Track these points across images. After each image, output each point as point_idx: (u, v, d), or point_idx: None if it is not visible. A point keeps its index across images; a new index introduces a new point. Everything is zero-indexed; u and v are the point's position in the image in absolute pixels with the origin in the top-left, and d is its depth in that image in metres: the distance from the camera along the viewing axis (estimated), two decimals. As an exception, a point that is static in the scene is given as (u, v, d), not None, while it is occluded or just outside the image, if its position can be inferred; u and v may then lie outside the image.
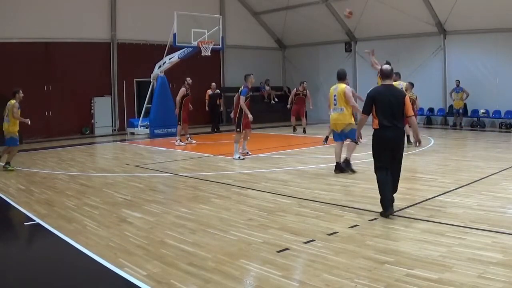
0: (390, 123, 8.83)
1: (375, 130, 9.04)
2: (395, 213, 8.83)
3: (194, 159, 16.60)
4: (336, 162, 13.31)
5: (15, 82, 22.50)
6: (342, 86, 13.25)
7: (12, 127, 14.97)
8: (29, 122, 15.33)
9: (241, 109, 15.94)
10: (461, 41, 27.31)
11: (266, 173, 13.59)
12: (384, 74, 9.34)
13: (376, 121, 8.99)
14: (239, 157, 15.91)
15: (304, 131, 24.59)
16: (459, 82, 25.96)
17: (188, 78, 21.15)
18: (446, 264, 6.24)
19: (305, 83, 25.77)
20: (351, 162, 13.36)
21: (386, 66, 9.48)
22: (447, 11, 26.17)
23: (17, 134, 15.13)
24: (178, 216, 9.02)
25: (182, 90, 20.66)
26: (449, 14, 26.30)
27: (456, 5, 25.20)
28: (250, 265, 6.42)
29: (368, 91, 9.26)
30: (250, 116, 15.97)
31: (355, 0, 28.68)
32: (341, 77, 13.60)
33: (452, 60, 27.61)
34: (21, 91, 15.27)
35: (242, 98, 15.88)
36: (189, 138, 21.20)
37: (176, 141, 20.70)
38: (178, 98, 20.65)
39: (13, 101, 14.98)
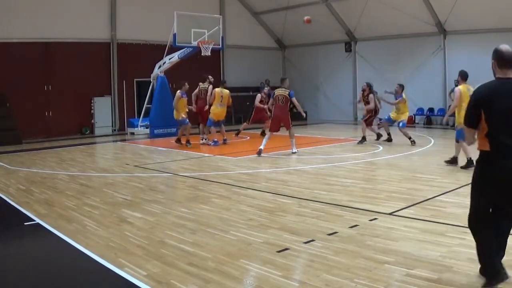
0: None
1: (483, 154, 5.71)
2: (395, 213, 8.83)
3: (194, 159, 16.59)
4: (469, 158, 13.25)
5: (15, 82, 22.66)
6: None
7: (177, 113, 19.70)
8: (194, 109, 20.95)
9: (291, 108, 17.47)
10: (461, 41, 27.33)
11: (266, 173, 13.61)
12: (505, 59, 5.44)
13: (486, 140, 5.56)
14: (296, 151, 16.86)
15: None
16: (457, 82, 25.96)
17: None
18: (446, 264, 6.24)
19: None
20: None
21: (505, 46, 5.49)
22: (447, 11, 26.19)
23: (183, 116, 19.75)
24: (178, 216, 9.01)
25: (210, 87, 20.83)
26: (449, 14, 26.32)
27: (456, 5, 25.22)
28: (250, 265, 6.42)
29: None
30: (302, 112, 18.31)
31: (355, 0, 28.75)
32: (466, 78, 14.56)
33: (452, 60, 27.61)
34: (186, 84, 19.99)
35: (294, 99, 17.13)
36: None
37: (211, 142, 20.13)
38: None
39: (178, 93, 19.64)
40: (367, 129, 19.49)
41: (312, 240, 7.30)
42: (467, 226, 7.09)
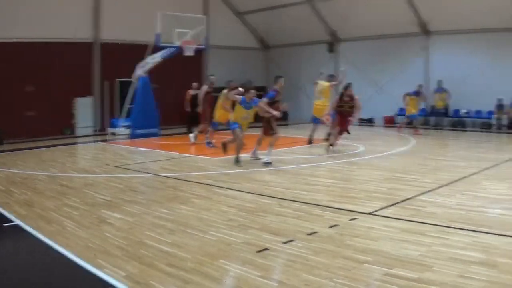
0: None
1: None
2: (375, 213, 8.87)
3: (174, 159, 16.55)
4: None
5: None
6: None
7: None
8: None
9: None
10: (445, 41, 27.48)
11: (246, 173, 13.57)
12: None
13: None
14: (267, 161, 14.85)
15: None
16: (442, 82, 26.12)
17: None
18: (426, 263, 6.26)
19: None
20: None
21: None
22: (431, 12, 26.34)
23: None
24: (157, 217, 8.97)
25: (204, 87, 20.46)
26: (433, 15, 26.46)
27: (440, 6, 25.37)
28: (230, 266, 6.40)
29: None
30: (275, 112, 14.95)
31: (339, 0, 28.79)
32: None
33: (435, 61, 27.75)
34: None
35: (265, 101, 15.02)
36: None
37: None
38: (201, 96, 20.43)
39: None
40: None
41: (292, 240, 7.30)
42: (447, 225, 7.13)
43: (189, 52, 23.29)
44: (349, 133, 19.29)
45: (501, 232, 7.61)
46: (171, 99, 27.58)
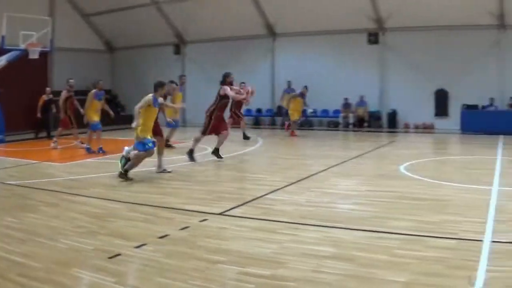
0: None
1: None
2: (226, 213, 8.94)
3: (21, 166, 15.92)
4: None
5: None
6: None
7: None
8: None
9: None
10: (291, 43, 28.20)
11: (94, 178, 13.27)
12: None
13: None
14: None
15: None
16: (291, 83, 26.68)
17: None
18: (279, 260, 6.35)
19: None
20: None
21: None
22: (277, 14, 26.92)
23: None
24: (5, 226, 8.53)
25: (64, 93, 19.94)
26: (279, 17, 27.04)
27: (286, 8, 25.95)
28: (82, 273, 6.18)
29: None
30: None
31: (186, 2, 28.77)
32: None
33: (282, 62, 28.37)
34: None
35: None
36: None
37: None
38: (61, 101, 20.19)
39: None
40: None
41: (144, 244, 7.18)
42: (298, 222, 7.22)
43: (34, 55, 22.62)
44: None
45: (351, 226, 7.88)
46: (17, 103, 26.59)
